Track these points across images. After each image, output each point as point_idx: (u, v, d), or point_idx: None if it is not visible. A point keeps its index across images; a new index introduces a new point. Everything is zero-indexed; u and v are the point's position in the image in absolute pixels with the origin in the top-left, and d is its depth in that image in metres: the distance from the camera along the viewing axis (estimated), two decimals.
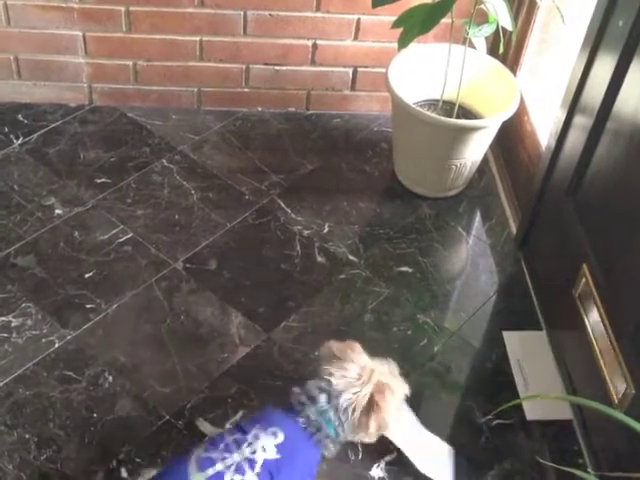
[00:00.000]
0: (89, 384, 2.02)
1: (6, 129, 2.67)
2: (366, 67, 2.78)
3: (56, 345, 2.09)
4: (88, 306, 2.19)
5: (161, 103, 2.82)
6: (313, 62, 2.75)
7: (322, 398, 1.63)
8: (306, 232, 2.46)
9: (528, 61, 2.61)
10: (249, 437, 1.57)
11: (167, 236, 2.40)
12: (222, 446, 1.56)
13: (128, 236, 2.38)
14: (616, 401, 1.80)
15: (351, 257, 2.41)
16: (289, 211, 2.52)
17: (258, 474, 1.52)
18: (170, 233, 2.41)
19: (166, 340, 2.13)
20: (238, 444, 1.56)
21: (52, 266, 2.28)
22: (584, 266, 1.97)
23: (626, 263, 1.81)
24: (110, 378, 2.03)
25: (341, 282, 2.33)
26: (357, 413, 1.62)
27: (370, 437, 1.69)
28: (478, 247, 2.50)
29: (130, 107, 2.81)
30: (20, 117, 2.72)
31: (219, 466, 1.51)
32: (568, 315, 2.07)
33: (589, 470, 1.89)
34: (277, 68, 2.76)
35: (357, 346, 1.71)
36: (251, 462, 1.53)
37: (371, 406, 1.61)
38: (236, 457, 1.53)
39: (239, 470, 1.51)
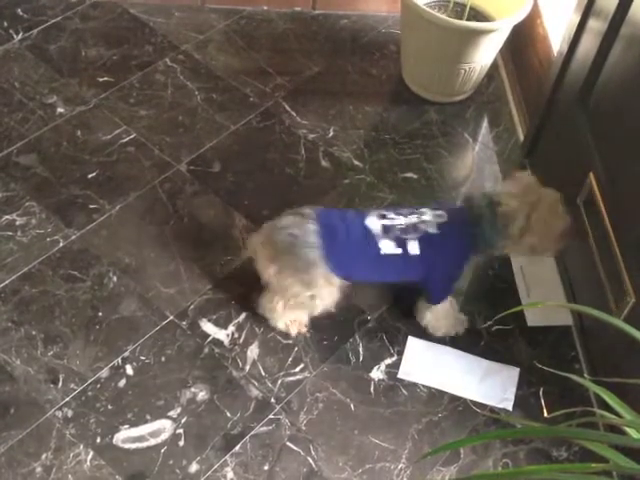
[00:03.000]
0: (94, 283, 2.04)
1: (5, 24, 2.61)
2: None
3: (60, 244, 2.10)
4: (92, 206, 2.19)
5: None
6: None
7: (484, 202, 1.81)
8: (311, 136, 2.44)
9: None
10: (418, 211, 1.84)
11: (171, 137, 2.38)
12: (395, 211, 1.84)
13: (131, 137, 2.36)
14: (615, 309, 1.82)
15: (356, 162, 2.39)
16: (294, 114, 2.49)
17: (416, 239, 1.79)
18: (174, 134, 2.39)
19: (170, 241, 2.14)
20: (408, 213, 1.83)
21: (55, 165, 2.27)
22: (591, 174, 1.96)
23: (633, 172, 1.79)
24: (114, 278, 2.05)
25: (345, 187, 2.32)
26: (513, 225, 1.78)
27: (520, 251, 1.88)
28: (484, 154, 2.48)
29: (132, 3, 2.73)
30: (19, 11, 2.66)
31: (387, 221, 1.81)
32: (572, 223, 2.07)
33: (585, 376, 1.93)
34: None
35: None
36: (415, 229, 1.80)
37: (528, 223, 1.78)
38: (406, 221, 1.81)
39: (404, 231, 1.80)
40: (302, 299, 1.86)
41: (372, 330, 2.03)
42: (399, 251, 1.79)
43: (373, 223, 1.82)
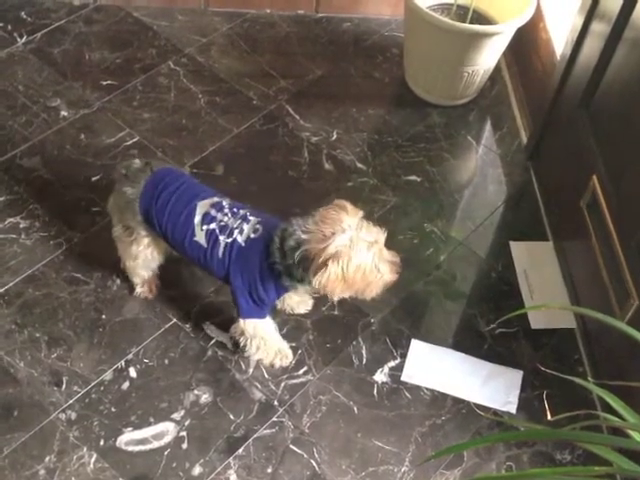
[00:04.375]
0: (97, 286, 2.04)
1: (9, 27, 2.62)
2: None
3: (64, 247, 2.10)
4: (95, 209, 2.19)
5: (167, 2, 2.75)
6: None
7: (292, 239, 1.67)
8: (314, 139, 2.44)
9: None
10: (247, 217, 1.77)
11: (174, 140, 2.38)
12: (232, 207, 1.78)
13: (135, 139, 2.37)
14: (619, 312, 1.82)
15: (359, 165, 2.39)
16: (297, 117, 2.49)
17: (225, 244, 1.74)
18: (177, 137, 2.39)
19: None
20: (238, 215, 1.77)
21: (58, 168, 2.27)
22: (594, 177, 1.96)
23: (636, 175, 1.79)
24: (118, 281, 2.05)
25: (348, 190, 2.32)
26: (310, 264, 1.64)
27: (316, 291, 1.73)
28: (487, 157, 2.48)
29: (135, 6, 2.74)
30: (23, 15, 2.66)
31: (214, 212, 1.76)
32: (575, 226, 2.07)
33: (589, 379, 1.93)
34: None
35: (348, 207, 1.67)
36: (230, 233, 1.75)
37: (322, 266, 1.61)
38: (230, 221, 1.76)
39: (222, 229, 1.75)
40: (124, 242, 1.89)
41: (375, 333, 2.03)
42: (206, 246, 1.76)
43: (203, 207, 1.77)
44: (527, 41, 2.56)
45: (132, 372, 1.91)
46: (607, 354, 1.94)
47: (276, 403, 1.89)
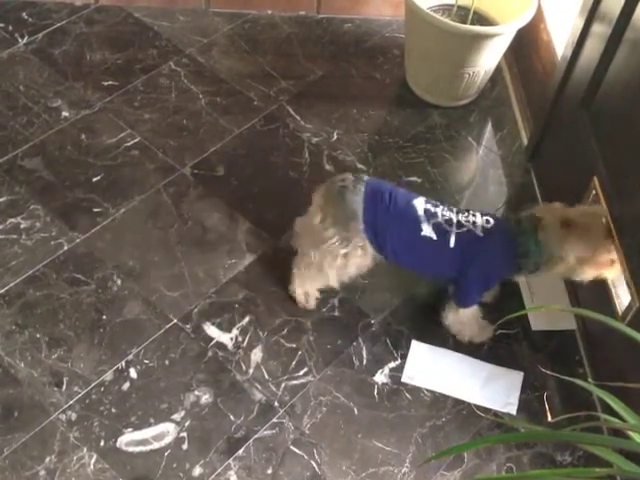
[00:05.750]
0: (98, 287, 2.04)
1: (10, 27, 2.62)
2: None
3: (65, 248, 2.11)
4: (96, 210, 2.19)
5: (168, 3, 2.75)
6: None
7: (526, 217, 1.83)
8: (315, 139, 2.44)
9: None
10: (469, 212, 1.86)
11: (175, 141, 2.38)
12: (446, 206, 1.86)
13: (135, 140, 2.37)
14: (620, 313, 1.82)
15: (360, 165, 2.39)
16: (298, 118, 2.49)
17: (456, 233, 1.81)
18: (178, 138, 2.39)
19: (174, 245, 2.14)
20: (457, 210, 1.86)
21: (59, 169, 2.27)
22: (594, 178, 1.96)
23: (637, 176, 1.79)
24: (119, 281, 2.06)
25: None
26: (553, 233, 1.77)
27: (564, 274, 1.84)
28: (488, 158, 2.48)
29: (136, 7, 2.74)
30: (25, 15, 2.66)
31: (433, 208, 1.84)
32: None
33: (589, 380, 1.93)
34: None
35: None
36: (459, 224, 1.82)
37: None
38: (452, 216, 1.83)
39: (448, 222, 1.82)
40: (335, 254, 1.86)
41: (376, 334, 2.03)
42: (436, 238, 1.81)
43: (420, 203, 1.84)
44: (528, 42, 2.56)
45: (132, 373, 1.91)
46: (607, 355, 1.94)
47: (276, 404, 1.89)
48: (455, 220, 1.82)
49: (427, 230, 1.81)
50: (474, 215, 1.85)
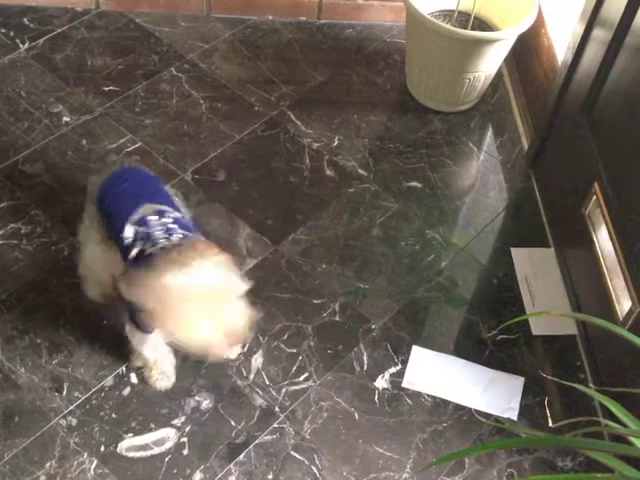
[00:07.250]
0: None
1: (12, 33, 2.63)
2: None
3: (66, 253, 2.10)
4: None
5: (169, 9, 2.75)
6: None
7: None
8: (316, 145, 2.44)
9: None
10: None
11: (175, 146, 2.39)
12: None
13: (136, 145, 2.37)
14: (620, 319, 1.82)
15: (360, 171, 2.39)
16: (299, 123, 2.49)
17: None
18: (178, 143, 2.39)
19: None
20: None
21: (60, 174, 2.27)
22: (595, 184, 1.96)
23: (638, 182, 1.79)
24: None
25: (350, 196, 2.32)
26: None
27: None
28: (489, 163, 2.48)
29: (137, 13, 2.75)
30: (26, 21, 2.67)
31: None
32: (577, 233, 2.07)
33: (590, 385, 1.93)
34: None
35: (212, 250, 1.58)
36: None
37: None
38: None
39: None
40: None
41: (376, 339, 2.03)
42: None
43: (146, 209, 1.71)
44: (529, 47, 2.56)
45: (133, 378, 1.91)
46: (608, 361, 1.94)
47: (277, 409, 1.89)
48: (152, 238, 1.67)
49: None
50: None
